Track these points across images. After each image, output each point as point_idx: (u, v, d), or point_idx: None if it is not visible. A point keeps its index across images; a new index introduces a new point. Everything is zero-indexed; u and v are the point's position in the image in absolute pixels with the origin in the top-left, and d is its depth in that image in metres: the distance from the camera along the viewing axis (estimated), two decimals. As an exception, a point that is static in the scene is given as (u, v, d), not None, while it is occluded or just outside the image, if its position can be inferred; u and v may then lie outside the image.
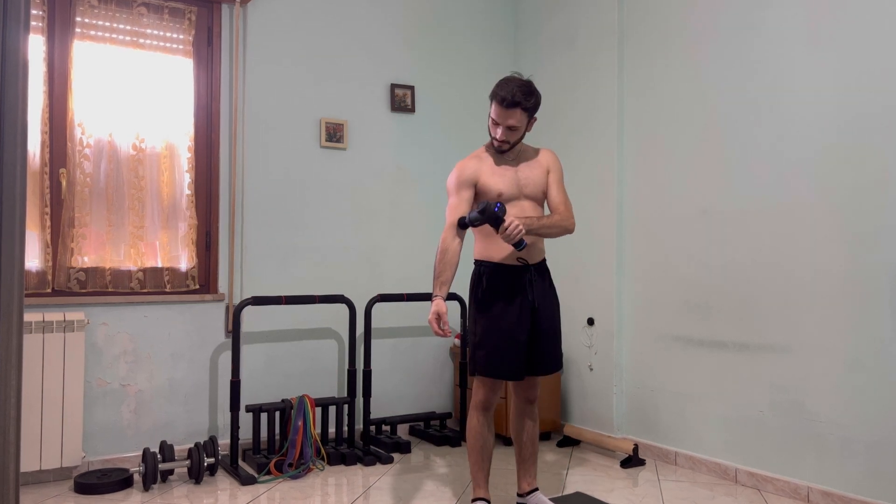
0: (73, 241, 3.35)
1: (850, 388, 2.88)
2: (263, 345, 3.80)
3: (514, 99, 2.60)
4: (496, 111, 2.65)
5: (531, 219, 2.63)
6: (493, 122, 2.69)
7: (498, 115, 2.65)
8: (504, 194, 2.69)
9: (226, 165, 3.72)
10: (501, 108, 2.62)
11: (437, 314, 2.58)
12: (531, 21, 4.52)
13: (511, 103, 2.60)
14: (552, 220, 2.69)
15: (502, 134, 2.66)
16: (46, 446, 3.13)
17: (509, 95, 2.60)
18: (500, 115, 2.64)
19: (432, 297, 2.62)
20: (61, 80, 3.35)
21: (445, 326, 2.59)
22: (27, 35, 1.00)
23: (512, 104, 2.61)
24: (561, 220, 2.70)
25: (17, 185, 0.99)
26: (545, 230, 2.67)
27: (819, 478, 2.98)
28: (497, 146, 2.71)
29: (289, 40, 3.91)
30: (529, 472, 2.88)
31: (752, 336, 3.24)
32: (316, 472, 3.44)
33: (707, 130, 3.47)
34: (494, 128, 2.69)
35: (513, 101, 2.60)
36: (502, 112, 2.63)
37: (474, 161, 2.75)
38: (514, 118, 2.63)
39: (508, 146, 2.71)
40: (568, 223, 2.72)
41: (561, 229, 2.70)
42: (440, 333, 2.59)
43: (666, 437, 3.63)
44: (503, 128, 2.65)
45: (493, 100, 2.65)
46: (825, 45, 3.00)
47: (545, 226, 2.66)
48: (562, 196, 2.77)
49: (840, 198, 2.93)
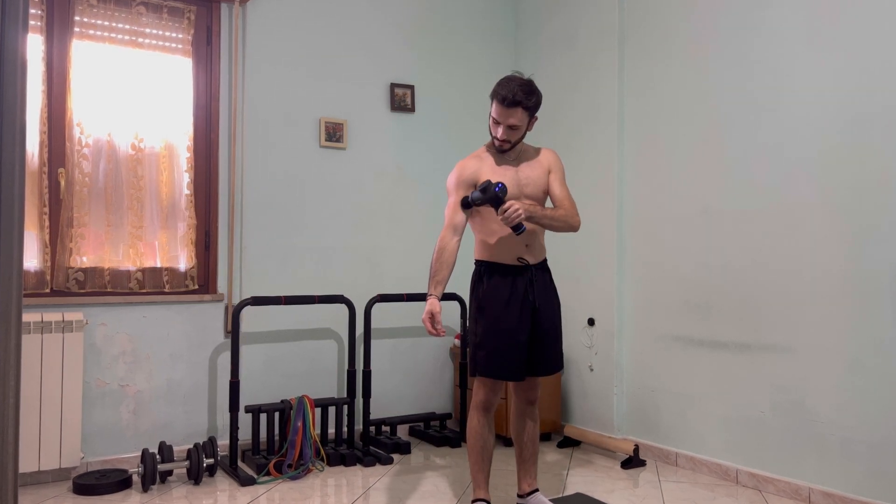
0: (72, 241, 3.34)
1: (852, 389, 2.88)
2: (263, 345, 3.79)
3: (516, 98, 2.59)
4: (497, 110, 2.64)
5: (534, 206, 2.63)
6: (493, 121, 2.68)
7: (499, 114, 2.64)
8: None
9: (225, 165, 3.71)
10: (502, 106, 2.61)
11: (431, 314, 2.57)
12: (531, 21, 4.51)
13: (512, 102, 2.59)
14: (556, 213, 2.67)
15: (503, 133, 2.65)
16: (45, 447, 3.12)
17: (510, 94, 2.59)
18: (502, 113, 2.63)
19: (427, 296, 2.62)
20: (60, 80, 3.34)
21: (439, 326, 2.58)
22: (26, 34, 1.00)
23: (513, 103, 2.60)
24: (565, 216, 2.68)
25: (15, 185, 0.98)
26: (547, 220, 2.65)
27: (820, 478, 2.97)
28: (498, 145, 2.70)
29: (288, 39, 3.90)
30: (530, 472, 2.88)
31: (752, 336, 3.24)
32: (315, 472, 3.43)
33: (707, 130, 3.47)
34: (495, 127, 2.68)
35: (514, 99, 2.59)
36: (503, 111, 2.62)
37: (474, 161, 2.74)
38: (514, 117, 2.62)
39: (509, 145, 2.70)
40: (573, 220, 2.70)
41: (565, 224, 2.68)
42: (433, 333, 2.58)
43: (667, 438, 3.63)
44: (504, 127, 2.64)
45: (494, 99, 2.64)
46: (826, 45, 2.99)
47: (548, 216, 2.64)
48: (565, 193, 2.76)
49: (841, 197, 2.93)
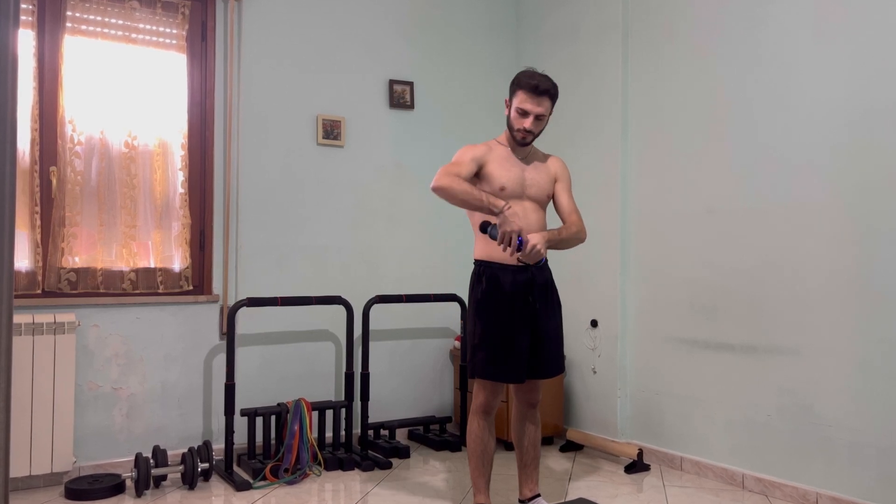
0: (64, 241, 3.32)
1: (861, 392, 2.85)
2: (259, 347, 3.77)
3: (545, 86, 2.63)
4: (527, 99, 2.64)
5: (552, 233, 2.63)
6: (519, 111, 2.67)
7: (529, 102, 2.64)
8: (507, 189, 2.68)
9: (220, 163, 3.68)
10: (534, 95, 2.63)
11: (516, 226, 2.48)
12: (533, 14, 4.49)
13: (543, 91, 2.63)
14: (570, 232, 2.71)
15: (531, 123, 2.66)
16: (36, 451, 3.09)
17: (541, 83, 2.62)
18: (532, 102, 2.63)
19: (497, 209, 2.49)
20: (51, 76, 3.31)
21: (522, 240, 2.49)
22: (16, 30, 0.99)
23: (544, 91, 2.63)
24: (576, 234, 2.74)
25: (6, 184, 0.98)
26: (563, 245, 2.70)
27: (828, 483, 2.95)
28: (521, 137, 2.69)
29: (285, 35, 3.88)
30: (531, 477, 2.86)
31: (759, 338, 3.21)
32: (312, 477, 3.41)
33: (713, 127, 3.44)
34: (521, 118, 2.66)
35: (544, 87, 2.63)
36: (534, 99, 2.63)
37: (483, 147, 2.75)
38: (542, 106, 2.65)
39: (532, 137, 2.70)
40: (582, 234, 2.76)
41: (575, 241, 2.75)
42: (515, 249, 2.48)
43: (671, 442, 3.60)
44: (533, 117, 2.65)
45: (521, 88, 2.65)
46: (834, 39, 2.96)
47: (561, 240, 2.67)
48: (573, 205, 2.80)
49: (850, 196, 2.90)
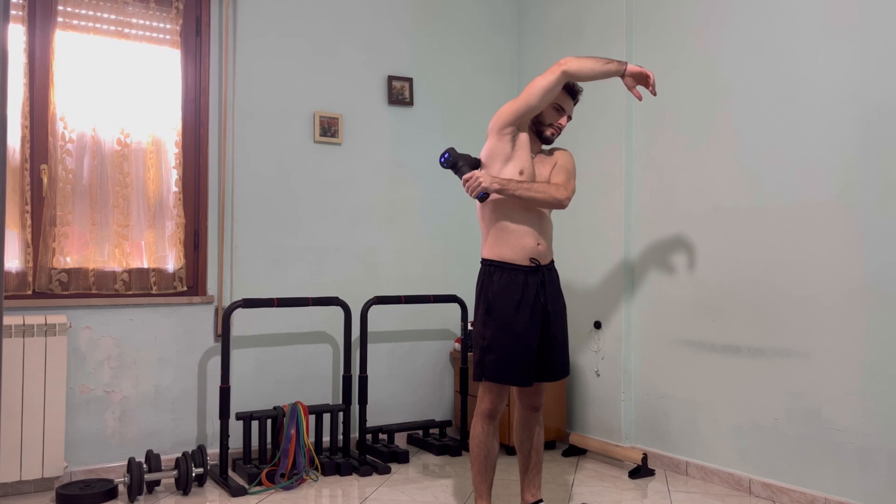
0: (55, 241, 3.30)
1: (870, 395, 2.83)
2: (254, 349, 3.74)
3: (578, 88, 2.79)
4: (565, 97, 2.76)
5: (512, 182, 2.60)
6: (557, 109, 2.75)
7: (567, 103, 2.77)
8: (524, 173, 2.68)
9: (215, 161, 3.66)
10: (571, 95, 2.77)
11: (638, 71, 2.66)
12: (535, 9, 4.46)
13: (578, 92, 2.79)
14: (540, 187, 2.64)
15: (566, 121, 2.79)
16: (27, 456, 3.08)
17: (577, 85, 2.76)
18: (568, 101, 2.77)
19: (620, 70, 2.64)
20: (42, 72, 3.30)
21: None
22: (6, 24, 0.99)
23: (578, 92, 2.79)
24: (546, 187, 2.65)
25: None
26: (522, 191, 2.60)
27: (837, 489, 2.93)
28: (551, 134, 2.78)
29: (281, 30, 3.85)
30: (534, 482, 2.85)
31: (766, 341, 3.18)
32: (309, 482, 3.39)
33: (719, 124, 3.41)
34: (558, 114, 2.76)
35: (578, 89, 2.79)
36: (571, 99, 2.78)
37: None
38: (571, 108, 2.81)
39: (558, 136, 2.82)
40: (557, 192, 2.65)
41: (545, 194, 2.62)
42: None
43: (676, 447, 3.57)
44: (566, 116, 2.78)
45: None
46: (843, 36, 2.93)
47: (523, 187, 2.60)
48: (563, 178, 2.74)
49: (859, 195, 2.87)
